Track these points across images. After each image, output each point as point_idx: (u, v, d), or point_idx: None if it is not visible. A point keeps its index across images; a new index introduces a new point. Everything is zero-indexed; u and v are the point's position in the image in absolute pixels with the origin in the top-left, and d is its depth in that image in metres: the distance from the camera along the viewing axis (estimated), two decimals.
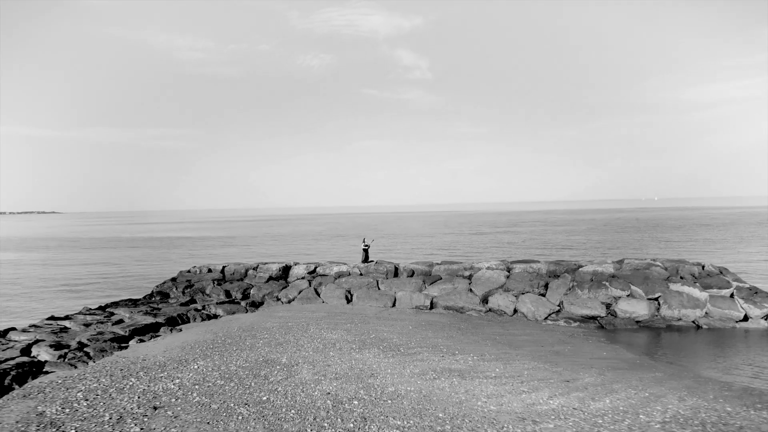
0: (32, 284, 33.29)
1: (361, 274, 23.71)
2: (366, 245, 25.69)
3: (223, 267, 24.98)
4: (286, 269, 24.62)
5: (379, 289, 22.56)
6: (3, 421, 9.11)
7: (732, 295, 19.82)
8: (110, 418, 9.27)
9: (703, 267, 21.73)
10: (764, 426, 9.56)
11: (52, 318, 17.19)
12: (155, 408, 9.72)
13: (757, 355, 15.93)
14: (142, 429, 8.82)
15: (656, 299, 19.96)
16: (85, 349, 13.36)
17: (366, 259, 25.22)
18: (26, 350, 13.05)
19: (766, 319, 18.95)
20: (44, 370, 11.99)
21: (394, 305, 21.55)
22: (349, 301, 22.02)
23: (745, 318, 19.10)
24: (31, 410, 9.63)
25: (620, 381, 12.32)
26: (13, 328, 15.65)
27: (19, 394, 10.50)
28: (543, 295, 20.92)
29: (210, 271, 24.88)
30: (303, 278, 23.97)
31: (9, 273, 39.92)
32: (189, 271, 25.34)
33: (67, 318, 17.17)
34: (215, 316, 18.96)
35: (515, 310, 20.48)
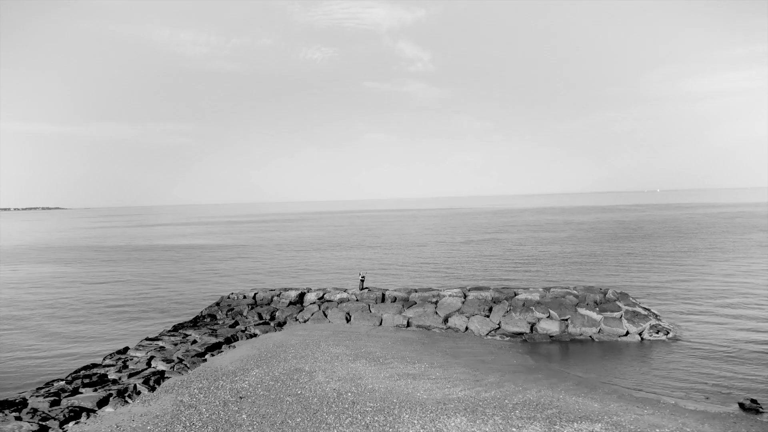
0: (84, 307, 39.83)
1: (357, 300, 31.85)
2: (362, 277, 33.76)
3: (255, 294, 33.18)
4: (301, 296, 32.79)
5: (370, 311, 30.69)
6: (165, 404, 17.29)
7: (621, 317, 27.84)
8: (218, 403, 17.40)
9: (605, 294, 29.76)
10: (573, 405, 17.57)
11: (147, 339, 25.37)
12: (241, 397, 17.87)
13: (619, 361, 23.95)
14: (238, 408, 16.95)
15: (566, 320, 28.02)
16: (183, 362, 21.53)
17: (362, 288, 33.29)
18: (149, 363, 21.25)
19: (640, 335, 26.98)
20: (165, 376, 20.14)
21: (381, 324, 29.66)
22: (348, 321, 30.15)
23: (627, 334, 27.12)
24: (175, 399, 17.80)
25: (511, 380, 20.37)
26: (128, 348, 23.87)
27: (161, 390, 18.68)
28: (488, 316, 29.00)
29: (245, 297, 33.11)
30: (314, 303, 32.14)
31: (56, 292, 47.19)
32: (229, 297, 33.59)
33: (157, 339, 25.34)
34: (255, 335, 27.10)
35: (467, 328, 28.57)
